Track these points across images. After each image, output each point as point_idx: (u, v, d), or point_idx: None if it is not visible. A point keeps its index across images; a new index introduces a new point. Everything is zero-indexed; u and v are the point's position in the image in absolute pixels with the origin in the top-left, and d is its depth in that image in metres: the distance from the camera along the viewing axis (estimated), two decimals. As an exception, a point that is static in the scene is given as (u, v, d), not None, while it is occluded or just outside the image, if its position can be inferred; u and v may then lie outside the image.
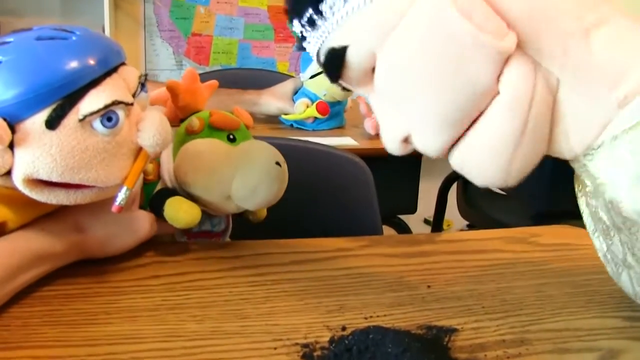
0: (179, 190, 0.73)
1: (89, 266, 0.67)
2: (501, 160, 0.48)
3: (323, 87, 1.51)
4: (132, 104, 0.61)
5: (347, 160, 1.00)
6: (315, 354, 0.54)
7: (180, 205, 0.70)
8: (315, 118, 1.52)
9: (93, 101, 0.57)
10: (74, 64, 0.56)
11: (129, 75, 0.62)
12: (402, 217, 1.59)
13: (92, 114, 0.56)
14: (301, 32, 0.52)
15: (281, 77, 1.93)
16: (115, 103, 0.58)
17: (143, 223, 0.70)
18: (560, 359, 0.55)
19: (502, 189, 1.92)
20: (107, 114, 0.58)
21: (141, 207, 0.75)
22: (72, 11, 2.53)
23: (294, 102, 1.53)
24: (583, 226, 0.90)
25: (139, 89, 0.63)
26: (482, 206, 2.07)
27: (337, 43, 0.50)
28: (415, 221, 1.61)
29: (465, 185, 2.12)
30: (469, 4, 0.45)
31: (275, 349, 0.55)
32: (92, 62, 0.58)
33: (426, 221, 2.71)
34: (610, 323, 0.62)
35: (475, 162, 0.50)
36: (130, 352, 0.53)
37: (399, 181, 1.46)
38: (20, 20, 2.45)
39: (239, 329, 0.57)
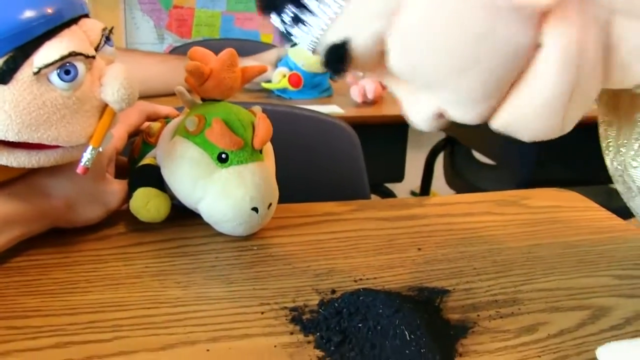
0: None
1: (67, 236, 0.65)
2: (555, 115, 0.44)
3: (301, 57, 1.49)
4: (93, 57, 0.57)
5: (334, 126, 0.98)
6: (304, 317, 0.52)
7: (147, 200, 0.66)
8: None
9: (48, 52, 0.53)
10: (27, 13, 0.52)
11: (91, 27, 0.58)
12: (390, 188, 1.57)
13: (47, 66, 0.53)
14: (285, 28, 0.45)
15: (265, 48, 1.90)
16: (73, 54, 0.54)
17: (114, 197, 0.67)
18: (552, 317, 0.55)
19: (490, 157, 1.92)
20: (65, 67, 0.54)
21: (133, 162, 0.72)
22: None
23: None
24: (573, 189, 0.90)
25: (103, 42, 0.60)
26: (468, 176, 2.07)
27: (336, 37, 0.43)
28: (402, 193, 1.60)
29: (452, 156, 2.11)
30: None
31: (262, 313, 0.53)
32: (48, 11, 0.53)
33: (412, 193, 2.71)
34: (601, 281, 0.62)
35: (524, 122, 0.45)
36: (113, 320, 0.51)
37: (386, 149, 1.44)
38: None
39: (225, 294, 0.56)
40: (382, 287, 0.58)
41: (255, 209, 0.63)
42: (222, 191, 0.63)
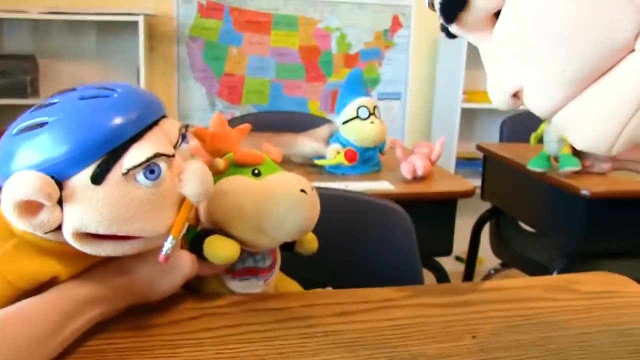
0: (217, 230, 0.75)
1: (141, 320, 0.69)
2: (616, 124, 0.44)
3: (353, 133, 1.54)
4: (173, 156, 0.63)
5: (389, 209, 1.02)
6: (368, 408, 0.55)
7: (217, 243, 0.72)
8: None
9: (135, 155, 0.59)
10: (116, 121, 0.59)
11: (169, 127, 0.65)
12: (437, 261, 1.59)
13: (134, 167, 0.59)
14: None
15: (316, 120, 1.96)
16: (157, 155, 0.61)
17: (185, 262, 0.71)
18: (609, 414, 0.56)
19: (535, 228, 1.92)
20: (150, 167, 0.60)
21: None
22: (108, 53, 2.60)
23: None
24: (623, 273, 0.91)
25: (180, 140, 0.66)
26: (515, 245, 2.07)
27: None
28: (447, 258, 1.61)
29: (498, 225, 2.12)
30: None
31: (329, 403, 0.56)
32: (133, 117, 0.60)
33: (457, 258, 2.70)
34: (659, 376, 0.63)
35: (584, 124, 0.46)
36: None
37: (435, 224, 1.47)
38: (59, 62, 2.54)
39: (293, 383, 0.59)
40: (440, 377, 0.61)
41: (303, 191, 0.72)
42: (272, 190, 0.73)
